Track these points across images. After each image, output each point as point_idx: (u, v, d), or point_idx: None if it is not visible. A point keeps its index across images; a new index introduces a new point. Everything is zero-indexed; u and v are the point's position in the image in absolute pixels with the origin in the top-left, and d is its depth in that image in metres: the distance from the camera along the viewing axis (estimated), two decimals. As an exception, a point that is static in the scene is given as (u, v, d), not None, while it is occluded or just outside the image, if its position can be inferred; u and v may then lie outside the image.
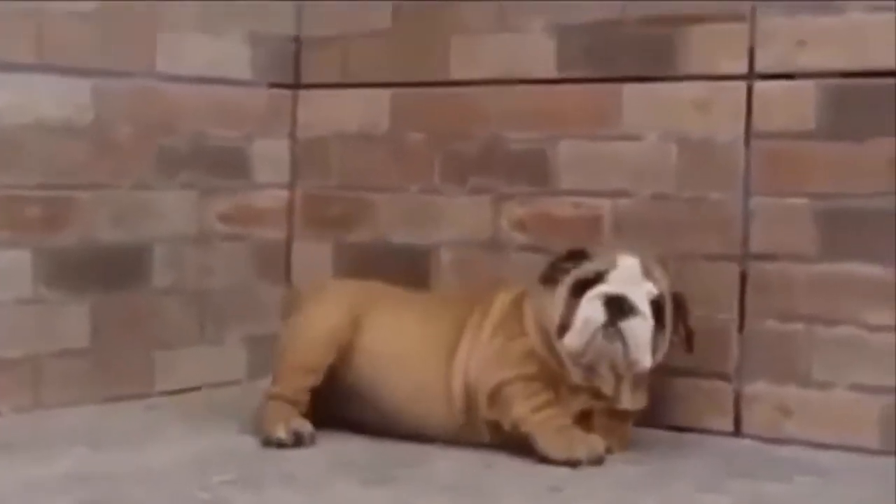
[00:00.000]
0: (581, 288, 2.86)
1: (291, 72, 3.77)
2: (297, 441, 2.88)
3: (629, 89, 3.27)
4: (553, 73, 3.37)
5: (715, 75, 3.16)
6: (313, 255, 3.74)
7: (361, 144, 3.67)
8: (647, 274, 2.87)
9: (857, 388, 2.99)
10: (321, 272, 3.70)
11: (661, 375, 3.10)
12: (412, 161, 3.58)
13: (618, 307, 2.80)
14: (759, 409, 3.10)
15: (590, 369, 2.87)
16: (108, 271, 3.35)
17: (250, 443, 2.93)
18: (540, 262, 3.31)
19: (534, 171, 3.40)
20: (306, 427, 2.92)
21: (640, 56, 3.26)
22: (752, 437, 3.09)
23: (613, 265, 2.87)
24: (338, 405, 3.04)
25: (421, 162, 3.57)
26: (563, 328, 2.85)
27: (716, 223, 3.15)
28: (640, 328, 2.81)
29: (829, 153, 3.03)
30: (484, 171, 3.47)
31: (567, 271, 2.91)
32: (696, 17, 3.18)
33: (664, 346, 2.90)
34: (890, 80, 2.96)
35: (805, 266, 3.05)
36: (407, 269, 3.52)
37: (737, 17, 3.13)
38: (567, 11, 3.34)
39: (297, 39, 3.76)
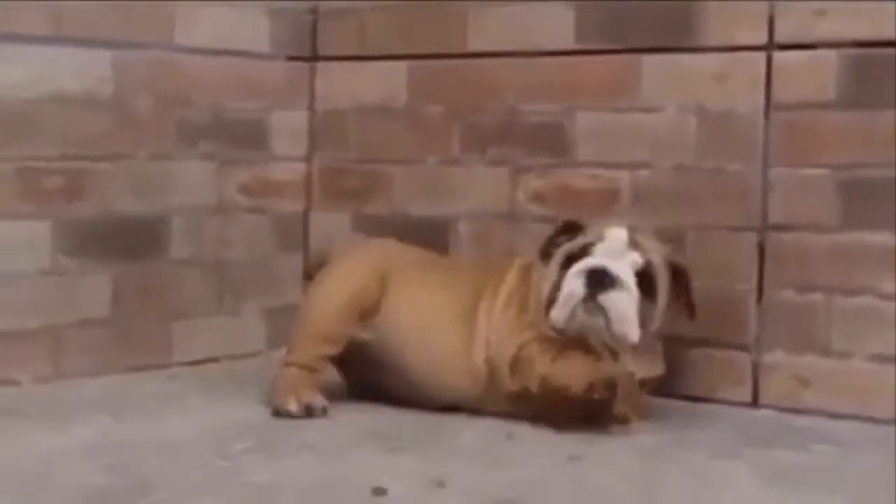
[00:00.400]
0: (570, 262, 2.86)
1: (309, 44, 3.77)
2: (308, 413, 2.88)
3: (648, 60, 3.26)
4: (571, 45, 3.37)
5: (734, 46, 3.15)
6: (331, 226, 3.75)
7: (379, 117, 3.67)
8: (635, 245, 2.85)
9: (875, 357, 2.99)
10: (339, 244, 3.71)
11: (678, 345, 3.11)
12: (430, 133, 3.59)
13: (598, 280, 2.79)
14: (776, 379, 3.11)
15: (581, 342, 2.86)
16: (127, 242, 3.36)
17: (269, 412, 2.94)
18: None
19: (552, 142, 3.40)
20: (318, 400, 2.92)
21: (659, 27, 3.25)
22: (770, 407, 3.10)
23: (601, 238, 2.86)
24: (363, 372, 3.05)
25: (439, 134, 3.58)
26: (551, 302, 2.85)
27: (735, 194, 3.15)
28: (621, 301, 2.80)
29: (849, 123, 3.02)
30: (502, 143, 3.47)
31: (561, 245, 2.92)
32: (715, -13, 3.18)
33: (657, 316, 2.88)
34: (909, 50, 2.96)
35: (823, 236, 3.05)
36: (425, 241, 3.51)
37: (756, -12, 3.12)
38: (585, -18, 3.34)
39: (314, 11, 3.77)
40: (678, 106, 3.22)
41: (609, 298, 2.79)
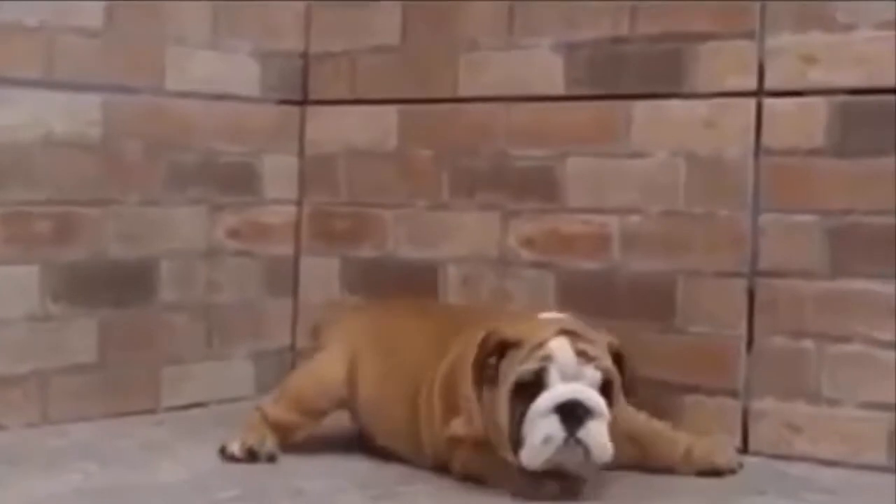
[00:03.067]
0: (522, 391, 2.63)
1: (300, 88, 3.77)
2: (250, 458, 2.88)
3: (637, 106, 3.27)
4: (561, 91, 3.38)
5: (723, 92, 3.16)
6: (321, 270, 3.74)
7: (369, 160, 3.67)
8: (584, 356, 2.63)
9: (865, 405, 2.98)
10: (328, 288, 3.71)
11: (669, 392, 3.11)
12: (420, 177, 3.59)
13: (574, 416, 2.58)
14: (767, 426, 3.10)
15: None
16: (116, 287, 3.35)
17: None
18: (548, 280, 3.35)
19: (542, 187, 3.40)
20: (266, 446, 2.90)
21: (649, 73, 3.26)
22: (760, 454, 3.09)
23: (549, 359, 2.62)
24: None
25: (429, 178, 3.58)
26: (515, 441, 2.63)
27: (725, 240, 3.15)
28: (599, 429, 2.60)
29: (838, 170, 3.02)
30: (492, 188, 3.47)
31: (494, 368, 2.68)
32: (704, 34, 3.18)
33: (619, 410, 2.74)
34: (897, 97, 2.96)
35: (814, 283, 3.05)
36: (414, 284, 3.52)
37: (745, 35, 3.13)
38: (575, 29, 3.34)
39: (304, 55, 3.77)
40: (668, 151, 3.22)
41: (589, 434, 2.59)
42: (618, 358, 2.71)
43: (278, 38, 3.72)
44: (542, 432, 2.59)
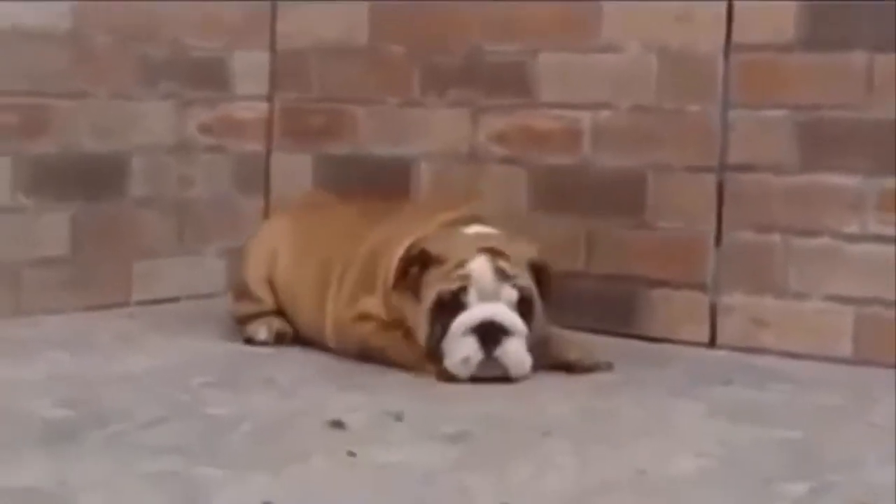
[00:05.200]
0: (442, 309, 2.73)
1: (271, -17, 3.75)
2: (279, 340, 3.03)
3: (609, 2, 3.26)
4: (534, -15, 3.37)
5: (695, -14, 3.15)
6: (293, 167, 3.74)
7: (341, 57, 3.66)
8: (503, 275, 2.74)
9: (832, 298, 3.01)
10: (300, 184, 3.70)
11: (637, 285, 3.13)
12: (391, 73, 3.58)
13: (491, 336, 2.70)
14: (734, 319, 3.13)
15: None
16: (87, 180, 3.35)
17: (228, 349, 2.95)
18: (519, 176, 3.36)
19: (514, 83, 3.39)
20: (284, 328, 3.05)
21: (621, -32, 3.25)
22: (728, 347, 3.12)
23: (468, 279, 2.72)
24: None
25: (400, 74, 3.56)
26: (435, 354, 2.74)
27: (695, 135, 3.16)
28: (516, 346, 2.71)
29: (808, 65, 3.03)
30: (463, 84, 3.46)
31: (415, 278, 2.79)
32: (677, -72, 3.17)
33: (540, 325, 2.81)
34: (868, -8, 2.96)
35: (782, 177, 3.06)
36: (386, 181, 3.52)
37: (718, -71, 3.12)
38: (548, -76, 3.33)
39: (276, -50, 3.75)
40: (640, 46, 3.22)
41: (506, 352, 2.71)
42: (541, 272, 2.81)
43: (250, -67, 3.69)
44: (460, 353, 2.70)
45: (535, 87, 3.35)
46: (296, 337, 3.04)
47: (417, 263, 2.80)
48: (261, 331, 3.03)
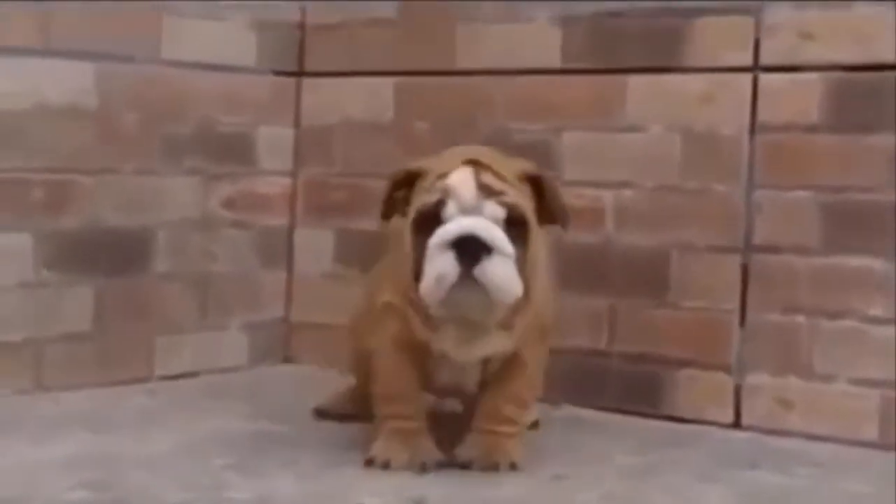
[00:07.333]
0: (424, 224, 2.50)
1: (296, 59, 3.77)
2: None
3: (634, 81, 3.26)
4: (558, 64, 3.37)
5: (720, 67, 3.15)
6: (315, 242, 3.74)
7: (365, 132, 3.67)
8: (486, 189, 2.48)
9: (857, 381, 2.99)
10: (322, 260, 3.71)
11: (661, 365, 3.12)
12: (416, 149, 3.56)
13: (470, 253, 2.42)
14: (759, 400, 3.11)
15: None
16: (110, 255, 3.35)
17: (250, 429, 2.94)
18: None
19: (538, 161, 3.35)
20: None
21: (646, 47, 3.26)
22: (752, 429, 3.10)
23: (448, 191, 2.48)
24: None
25: (425, 151, 3.52)
26: (417, 275, 2.50)
27: (719, 215, 3.15)
28: (498, 266, 2.44)
29: (833, 146, 3.03)
30: (487, 161, 3.46)
31: (403, 201, 2.59)
32: (701, 9, 3.17)
33: (539, 249, 2.59)
34: (894, 74, 2.95)
35: (808, 259, 3.05)
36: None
37: (742, 10, 3.12)
38: (573, 2, 3.34)
39: (301, 26, 3.77)
40: (664, 126, 3.22)
41: (485, 271, 2.43)
42: (536, 184, 2.59)
43: (275, 9, 3.71)
44: (436, 269, 2.44)
45: (559, 166, 3.35)
46: None
47: (403, 186, 2.60)
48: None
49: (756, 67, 3.12)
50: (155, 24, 3.43)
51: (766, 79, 3.11)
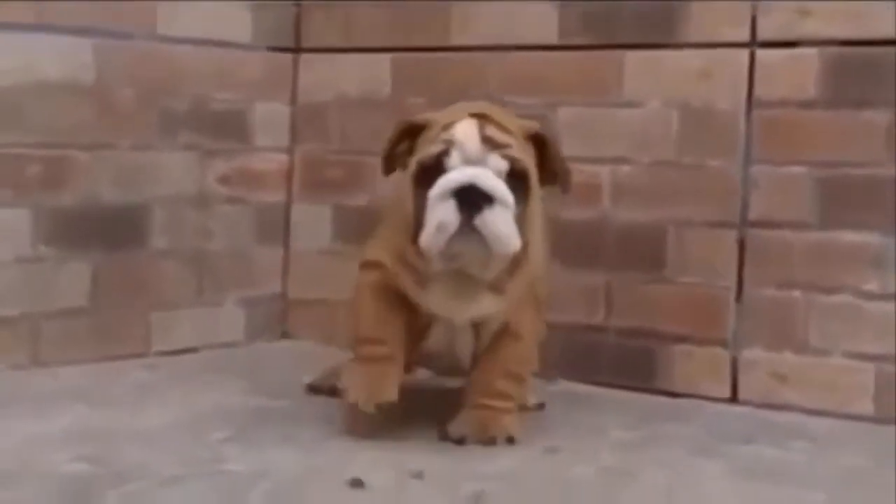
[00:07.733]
0: (425, 175, 2.51)
1: (292, 36, 3.76)
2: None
3: (631, 56, 3.26)
4: (554, 40, 3.37)
5: (717, 43, 3.15)
6: (312, 218, 3.74)
7: (362, 109, 3.67)
8: (490, 143, 2.50)
9: (853, 355, 3.00)
10: (319, 236, 3.71)
11: (658, 341, 3.12)
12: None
13: (471, 202, 2.44)
14: (755, 375, 3.11)
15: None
16: (107, 231, 3.35)
17: (248, 403, 2.94)
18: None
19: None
20: None
21: (642, 23, 3.25)
22: (748, 403, 3.11)
23: (451, 142, 2.50)
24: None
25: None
26: (418, 228, 2.51)
27: (716, 190, 3.16)
28: (498, 217, 2.45)
29: (829, 122, 3.03)
30: (484, 137, 3.46)
31: (404, 154, 2.61)
32: (698, -16, 3.18)
33: (537, 208, 2.61)
34: (891, 50, 2.96)
35: (804, 234, 3.06)
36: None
37: (739, -15, 3.13)
38: (570, -21, 3.34)
39: (297, 3, 3.76)
40: (661, 102, 3.22)
41: (485, 221, 2.44)
42: (540, 143, 2.60)
43: (271, -15, 3.71)
44: (437, 218, 2.46)
45: (555, 141, 3.35)
46: None
47: (407, 137, 2.61)
48: None
49: (753, 43, 3.12)
50: (152, 1, 3.43)
51: (763, 54, 3.11)
